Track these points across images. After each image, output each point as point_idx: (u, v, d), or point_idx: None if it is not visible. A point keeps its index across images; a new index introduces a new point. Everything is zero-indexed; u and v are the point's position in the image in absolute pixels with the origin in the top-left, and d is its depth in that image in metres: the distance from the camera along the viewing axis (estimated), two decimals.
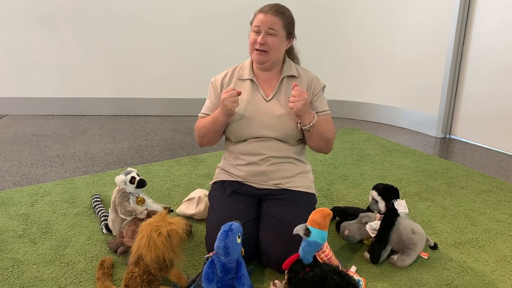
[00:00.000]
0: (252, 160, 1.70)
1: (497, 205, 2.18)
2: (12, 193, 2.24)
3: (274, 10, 1.65)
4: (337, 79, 3.72)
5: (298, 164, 1.76)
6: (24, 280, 1.55)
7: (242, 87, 1.73)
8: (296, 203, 1.67)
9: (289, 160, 1.72)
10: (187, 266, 1.64)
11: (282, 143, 1.70)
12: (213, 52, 3.71)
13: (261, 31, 1.64)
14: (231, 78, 1.77)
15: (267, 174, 1.69)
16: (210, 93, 1.81)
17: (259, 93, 1.72)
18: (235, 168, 1.74)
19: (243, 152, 1.72)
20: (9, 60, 3.63)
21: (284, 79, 1.74)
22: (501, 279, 1.59)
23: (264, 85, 1.74)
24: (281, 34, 1.66)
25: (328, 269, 1.35)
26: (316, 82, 1.76)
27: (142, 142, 3.13)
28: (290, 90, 1.70)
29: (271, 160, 1.69)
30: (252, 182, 1.71)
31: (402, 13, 3.35)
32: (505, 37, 2.89)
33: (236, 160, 1.74)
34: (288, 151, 1.71)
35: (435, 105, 3.30)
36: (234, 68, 1.80)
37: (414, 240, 1.64)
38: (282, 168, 1.70)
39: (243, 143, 1.72)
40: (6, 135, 3.22)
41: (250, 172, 1.70)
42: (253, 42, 1.66)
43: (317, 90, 1.75)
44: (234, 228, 1.35)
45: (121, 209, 1.69)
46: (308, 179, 1.77)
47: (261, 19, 1.64)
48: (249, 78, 1.74)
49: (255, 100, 1.71)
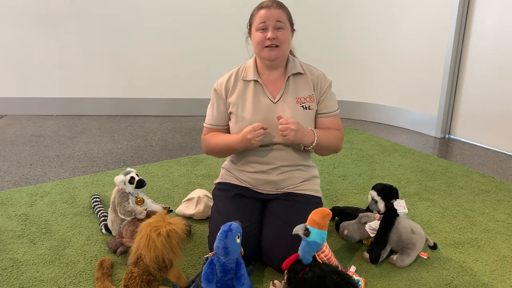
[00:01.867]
0: (261, 169, 1.67)
1: (497, 205, 2.18)
2: (11, 193, 2.24)
3: (277, 4, 1.61)
4: (337, 79, 3.70)
5: (307, 170, 1.73)
6: (24, 280, 1.55)
7: (247, 90, 1.68)
8: (302, 205, 1.65)
9: (298, 167, 1.70)
10: (187, 266, 1.64)
11: (291, 150, 1.67)
12: (213, 52, 3.71)
13: (267, 27, 1.59)
14: (236, 81, 1.70)
15: (276, 183, 1.68)
16: (212, 100, 1.73)
17: (265, 95, 1.67)
18: (242, 173, 1.72)
19: (252, 160, 1.68)
20: (9, 60, 3.63)
21: (290, 77, 1.69)
22: (500, 279, 1.59)
23: (270, 86, 1.68)
24: (288, 26, 1.63)
25: (327, 269, 1.34)
26: (322, 79, 1.71)
27: (141, 142, 3.13)
28: (296, 89, 1.67)
29: (281, 169, 1.67)
30: (260, 189, 1.70)
31: (402, 13, 3.35)
32: (505, 37, 2.89)
33: (244, 165, 1.71)
34: (297, 159, 1.69)
35: (434, 105, 3.30)
36: (237, 69, 1.73)
37: (414, 240, 1.64)
38: (291, 176, 1.68)
39: (252, 150, 1.67)
40: (5, 135, 3.22)
41: (258, 180, 1.68)
42: (262, 39, 1.59)
43: (324, 88, 1.71)
44: (234, 228, 1.35)
45: (121, 209, 1.69)
46: (315, 183, 1.76)
47: (266, 15, 1.59)
48: (253, 79, 1.68)
49: (262, 103, 1.65)
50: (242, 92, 1.68)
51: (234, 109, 1.67)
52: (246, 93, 1.67)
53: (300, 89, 1.68)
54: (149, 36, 3.65)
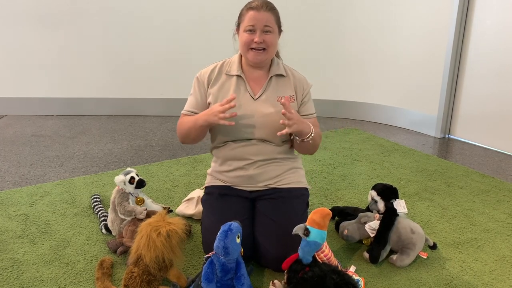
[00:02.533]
0: (238, 165, 1.69)
1: (496, 205, 2.18)
2: (11, 193, 2.24)
3: (267, 6, 1.60)
4: (337, 79, 3.73)
5: (285, 162, 1.74)
6: (24, 280, 1.55)
7: (229, 83, 1.69)
8: (287, 199, 1.67)
9: (275, 161, 1.71)
10: (187, 266, 1.64)
11: (267, 145, 1.68)
12: (213, 52, 3.71)
13: (255, 30, 1.59)
14: (220, 74, 1.71)
15: (254, 177, 1.68)
16: (194, 88, 1.74)
17: (246, 91, 1.68)
18: (222, 174, 1.73)
19: (229, 158, 1.70)
20: (9, 60, 3.63)
21: (272, 78, 1.71)
22: (500, 279, 1.59)
23: (252, 83, 1.70)
24: (275, 30, 1.64)
25: (327, 269, 1.35)
26: (305, 83, 1.75)
27: (141, 142, 3.13)
28: (278, 89, 1.69)
29: (257, 163, 1.68)
30: (242, 186, 1.71)
31: (402, 13, 3.35)
32: (504, 37, 2.89)
33: (222, 166, 1.73)
34: (273, 153, 1.69)
35: (434, 105, 3.30)
36: (222, 62, 1.74)
37: (413, 240, 1.64)
38: (268, 169, 1.69)
39: (228, 148, 1.70)
40: (5, 135, 3.22)
41: (237, 177, 1.70)
42: (249, 41, 1.60)
43: (306, 91, 1.74)
44: (234, 228, 1.35)
45: (121, 209, 1.69)
46: (297, 174, 1.76)
47: (255, 17, 1.58)
48: (237, 74, 1.69)
49: (242, 98, 1.67)
50: (224, 85, 1.70)
51: (213, 99, 1.69)
52: (228, 86, 1.69)
53: (281, 89, 1.71)
54: (149, 36, 3.65)
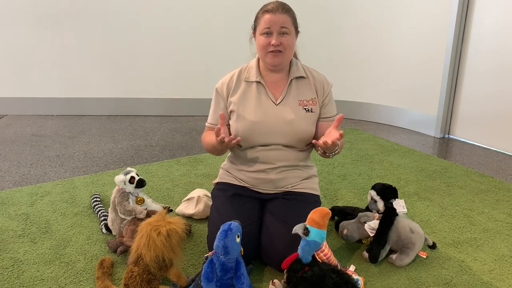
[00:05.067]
0: (260, 168, 1.68)
1: (496, 205, 2.18)
2: (11, 193, 2.24)
3: (282, 8, 1.58)
4: (337, 79, 3.72)
5: (305, 169, 1.74)
6: (24, 279, 1.56)
7: (249, 91, 1.68)
8: (301, 203, 1.66)
9: (297, 167, 1.71)
10: (187, 266, 1.64)
11: (291, 151, 1.67)
12: (213, 52, 3.71)
13: (272, 32, 1.57)
14: (239, 82, 1.69)
15: (275, 182, 1.68)
16: (214, 101, 1.73)
17: (267, 97, 1.67)
18: (241, 172, 1.72)
19: (251, 160, 1.68)
20: (9, 60, 3.64)
21: (292, 81, 1.69)
22: (499, 278, 1.59)
23: (272, 88, 1.68)
24: (292, 31, 1.61)
25: (327, 268, 1.35)
26: (325, 83, 1.72)
27: (141, 142, 3.13)
28: (300, 92, 1.68)
29: (279, 169, 1.67)
30: (258, 188, 1.71)
31: (401, 14, 3.35)
32: (504, 37, 2.90)
33: (243, 165, 1.72)
34: (296, 159, 1.69)
35: (434, 105, 3.30)
36: (240, 69, 1.72)
37: (413, 239, 1.64)
38: (289, 175, 1.69)
39: (251, 150, 1.68)
40: (5, 135, 3.23)
41: (257, 179, 1.69)
42: (266, 45, 1.58)
43: (327, 92, 1.72)
44: (233, 227, 1.36)
45: (121, 209, 1.69)
46: (313, 181, 1.76)
47: (271, 20, 1.56)
48: (256, 80, 1.67)
49: (264, 104, 1.65)
50: (245, 92, 1.68)
51: (235, 107, 1.67)
52: (249, 93, 1.67)
53: (302, 92, 1.69)
54: (149, 36, 3.65)
